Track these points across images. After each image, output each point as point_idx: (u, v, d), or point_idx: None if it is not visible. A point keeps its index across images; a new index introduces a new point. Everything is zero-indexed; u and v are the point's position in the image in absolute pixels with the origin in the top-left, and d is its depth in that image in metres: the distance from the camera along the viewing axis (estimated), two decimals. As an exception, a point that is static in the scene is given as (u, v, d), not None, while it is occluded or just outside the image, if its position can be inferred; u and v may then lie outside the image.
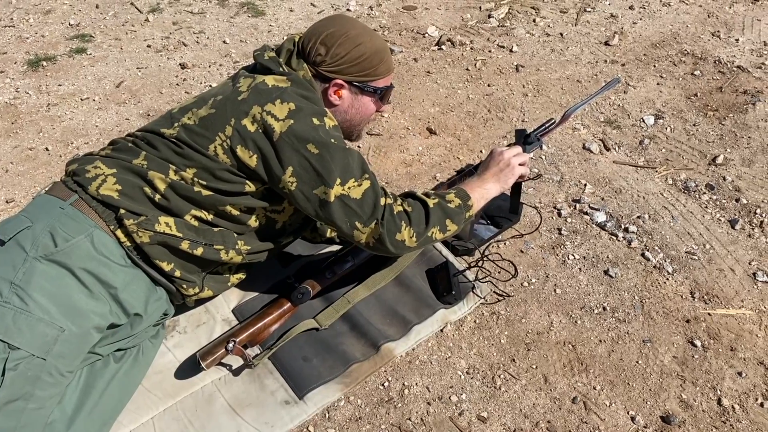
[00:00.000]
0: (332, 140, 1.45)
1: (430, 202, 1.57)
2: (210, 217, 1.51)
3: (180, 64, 3.10)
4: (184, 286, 1.56)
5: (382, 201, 1.50)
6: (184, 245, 1.48)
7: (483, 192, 1.68)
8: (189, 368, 1.62)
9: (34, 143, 2.55)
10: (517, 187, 1.95)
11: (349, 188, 1.46)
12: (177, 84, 2.95)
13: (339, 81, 1.54)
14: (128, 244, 1.45)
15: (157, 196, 1.45)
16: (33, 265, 1.34)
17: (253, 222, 1.57)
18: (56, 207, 1.43)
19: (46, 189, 1.50)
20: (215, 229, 1.53)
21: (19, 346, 1.28)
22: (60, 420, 1.36)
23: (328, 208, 1.46)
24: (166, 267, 1.49)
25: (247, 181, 1.48)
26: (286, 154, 1.43)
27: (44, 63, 3.11)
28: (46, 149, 2.51)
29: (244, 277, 1.71)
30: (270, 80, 1.47)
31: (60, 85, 2.95)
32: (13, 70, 3.06)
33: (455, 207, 1.59)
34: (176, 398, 1.56)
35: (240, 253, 1.58)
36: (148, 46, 3.29)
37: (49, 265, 1.35)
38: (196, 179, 1.46)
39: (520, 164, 1.72)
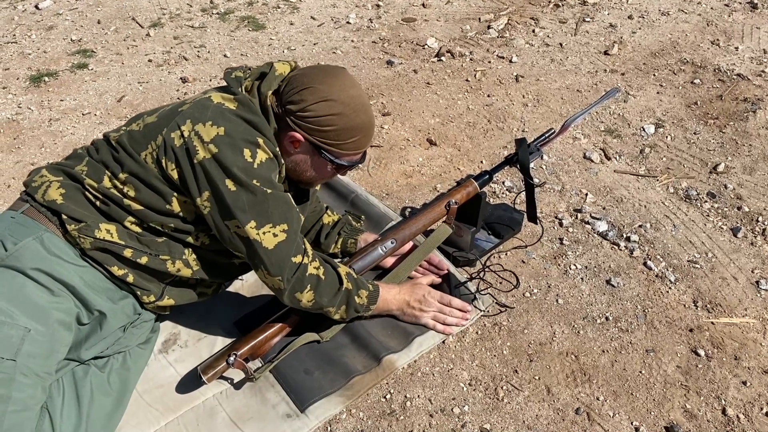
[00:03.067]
0: (254, 181, 1.39)
1: (345, 284, 1.57)
2: (150, 226, 1.49)
3: (181, 78, 3.11)
4: (138, 293, 1.53)
5: (297, 259, 1.48)
6: (127, 253, 1.46)
7: (385, 307, 1.71)
8: (190, 382, 1.61)
9: (36, 158, 2.56)
10: (531, 195, 1.94)
11: (263, 233, 1.42)
12: (178, 98, 2.96)
13: (297, 135, 1.45)
14: (78, 246, 1.45)
15: (98, 202, 1.45)
16: None
17: (192, 240, 1.52)
18: (8, 218, 1.46)
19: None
20: (159, 239, 1.50)
21: None
22: (50, 429, 1.35)
23: (236, 242, 1.45)
24: (117, 272, 1.48)
25: (174, 194, 1.44)
26: (202, 181, 1.39)
27: (46, 79, 3.13)
28: (42, 167, 2.52)
29: (210, 291, 1.66)
30: (217, 97, 1.43)
31: (62, 100, 2.96)
32: (15, 86, 3.08)
33: (359, 303, 1.62)
34: (177, 412, 1.55)
35: (188, 265, 1.53)
36: (149, 60, 3.31)
37: (2, 271, 1.37)
38: (126, 189, 1.43)
39: (432, 317, 1.74)
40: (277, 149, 1.46)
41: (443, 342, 1.73)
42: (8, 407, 1.27)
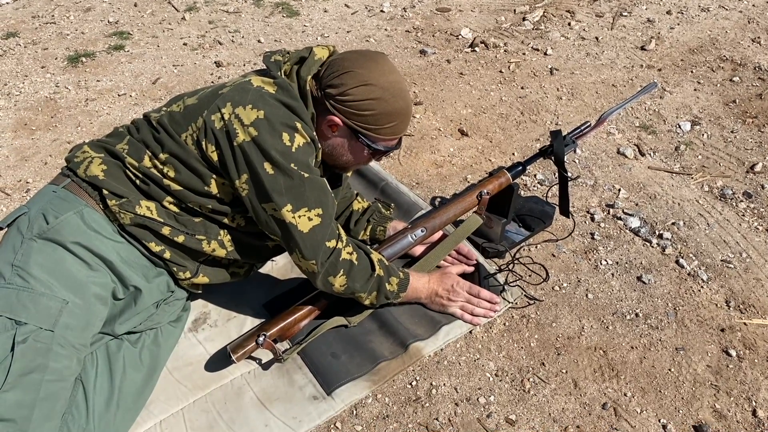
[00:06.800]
0: (292, 165, 1.40)
1: (377, 270, 1.59)
2: (188, 206, 1.51)
3: (215, 63, 3.14)
4: (175, 269, 1.56)
5: (331, 243, 1.49)
6: (165, 231, 1.49)
7: (415, 295, 1.72)
8: (219, 361, 1.63)
9: (72, 137, 2.61)
10: (564, 188, 1.92)
11: (299, 217, 1.44)
12: (212, 82, 2.99)
13: (336, 119, 1.47)
14: (117, 222, 1.48)
15: (138, 181, 1.48)
16: (29, 245, 1.39)
17: (229, 221, 1.54)
18: (50, 192, 1.49)
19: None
20: (196, 219, 1.52)
21: (26, 321, 1.31)
22: (83, 400, 1.38)
23: (272, 224, 1.46)
24: (155, 248, 1.51)
25: (213, 176, 1.46)
26: (241, 164, 1.41)
27: (83, 59, 3.18)
28: (84, 143, 2.56)
29: (242, 271, 1.68)
30: (257, 81, 1.45)
31: (98, 80, 3.00)
32: (53, 66, 3.13)
33: (389, 290, 1.63)
34: (206, 390, 1.58)
35: (223, 246, 1.56)
36: (184, 44, 3.34)
37: (44, 243, 1.40)
38: (166, 170, 1.46)
39: (461, 306, 1.74)
40: (315, 133, 1.47)
41: (470, 332, 1.73)
42: (45, 376, 1.30)
